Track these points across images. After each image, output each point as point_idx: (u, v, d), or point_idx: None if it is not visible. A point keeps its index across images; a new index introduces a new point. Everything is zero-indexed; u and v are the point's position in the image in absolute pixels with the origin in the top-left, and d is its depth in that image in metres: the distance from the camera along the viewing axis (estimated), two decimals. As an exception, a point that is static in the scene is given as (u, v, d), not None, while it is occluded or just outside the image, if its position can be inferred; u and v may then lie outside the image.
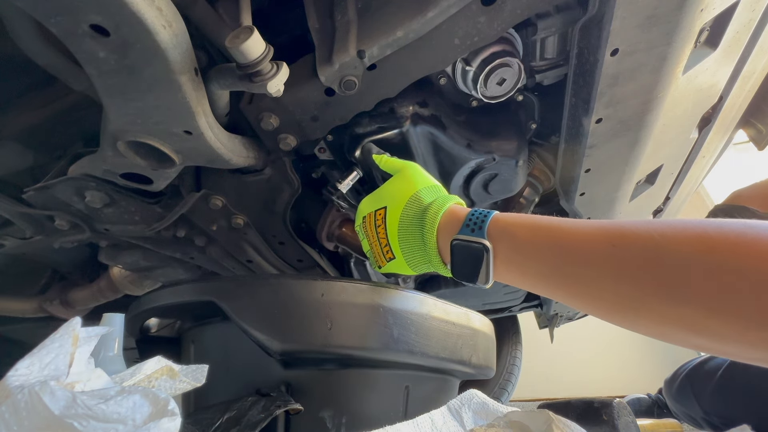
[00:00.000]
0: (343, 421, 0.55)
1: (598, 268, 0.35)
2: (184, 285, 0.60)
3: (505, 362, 1.85)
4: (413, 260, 0.51)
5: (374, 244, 0.54)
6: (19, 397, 0.26)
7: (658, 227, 0.33)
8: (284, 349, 0.53)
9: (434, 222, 0.48)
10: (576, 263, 0.37)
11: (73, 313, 1.06)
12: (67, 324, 0.34)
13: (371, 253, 0.56)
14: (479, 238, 0.43)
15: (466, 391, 0.55)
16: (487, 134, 0.69)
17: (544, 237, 0.40)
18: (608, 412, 0.59)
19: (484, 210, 0.46)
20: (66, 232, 0.74)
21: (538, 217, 0.42)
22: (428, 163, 0.71)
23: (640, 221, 0.35)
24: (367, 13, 0.54)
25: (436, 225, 0.48)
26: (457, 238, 0.45)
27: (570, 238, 0.38)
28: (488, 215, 0.45)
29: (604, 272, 0.35)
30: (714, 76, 0.66)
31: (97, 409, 0.28)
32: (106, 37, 0.39)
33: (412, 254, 0.50)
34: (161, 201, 0.74)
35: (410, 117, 0.64)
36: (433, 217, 0.48)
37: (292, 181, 0.70)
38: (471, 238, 0.44)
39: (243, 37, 0.44)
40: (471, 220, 0.45)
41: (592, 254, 0.35)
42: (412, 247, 0.50)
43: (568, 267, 0.37)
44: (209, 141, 0.54)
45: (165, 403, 0.30)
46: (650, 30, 0.50)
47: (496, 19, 0.51)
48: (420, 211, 0.50)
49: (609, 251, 0.34)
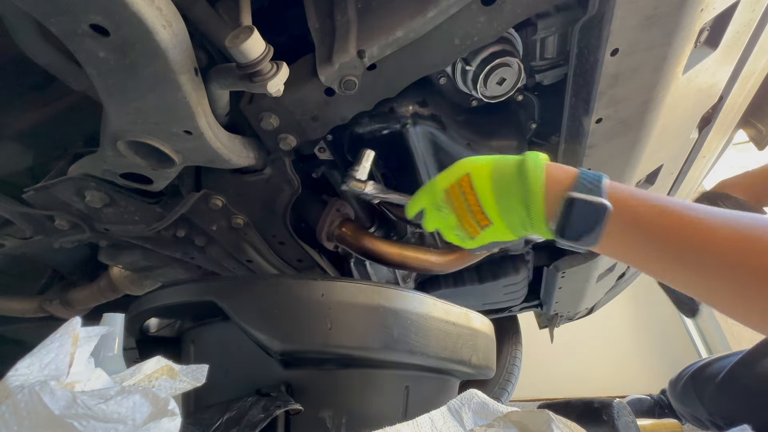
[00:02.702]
0: (343, 421, 0.55)
1: (728, 271, 0.36)
2: (184, 285, 0.60)
3: (505, 362, 1.85)
4: (513, 222, 0.49)
5: (463, 214, 0.51)
6: (19, 397, 0.26)
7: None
8: (284, 349, 0.53)
9: (537, 177, 0.46)
10: (703, 259, 0.37)
11: (73, 313, 1.06)
12: (67, 324, 0.34)
13: (459, 227, 0.53)
14: (598, 198, 0.42)
15: (466, 391, 0.55)
16: (487, 134, 0.69)
17: (672, 221, 0.39)
18: (608, 412, 0.59)
19: (591, 171, 0.45)
20: (66, 232, 0.74)
21: (659, 197, 0.42)
22: (428, 163, 0.71)
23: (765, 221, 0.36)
24: (367, 12, 0.54)
25: (540, 180, 0.46)
26: (575, 196, 0.43)
27: (701, 233, 0.38)
28: (600, 177, 0.44)
29: (734, 277, 0.36)
30: (714, 76, 0.66)
31: (97, 409, 0.28)
32: (106, 37, 0.39)
33: (511, 216, 0.48)
34: (161, 201, 0.74)
35: (410, 117, 0.64)
36: (535, 173, 0.46)
37: (292, 181, 0.70)
38: (590, 198, 0.43)
39: (243, 37, 0.45)
40: (585, 179, 0.44)
41: (723, 257, 0.36)
42: (511, 208, 0.48)
43: (692, 257, 0.38)
44: (209, 141, 0.54)
45: (165, 403, 0.30)
46: (650, 30, 0.50)
47: (496, 19, 0.51)
48: (515, 168, 0.48)
49: (741, 258, 0.35)
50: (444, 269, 0.88)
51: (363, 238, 0.84)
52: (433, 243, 0.96)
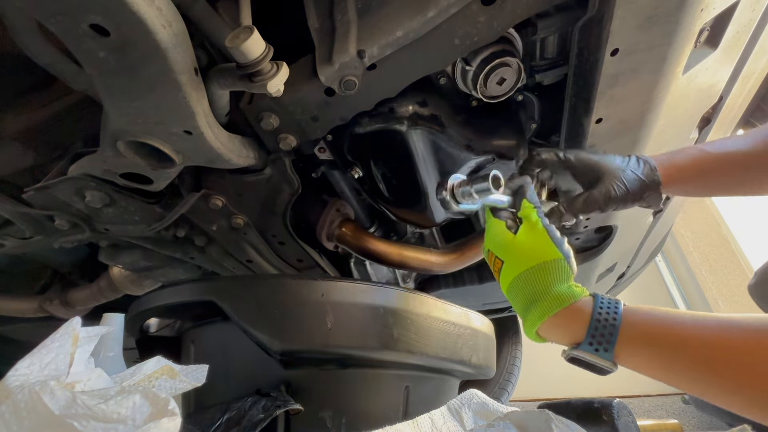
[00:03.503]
0: (343, 421, 0.55)
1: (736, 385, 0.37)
2: (184, 285, 0.60)
3: (505, 362, 1.85)
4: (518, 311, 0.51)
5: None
6: (19, 397, 0.26)
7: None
8: (284, 349, 0.53)
9: (543, 317, 0.46)
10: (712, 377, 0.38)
11: (73, 313, 1.06)
12: (67, 324, 0.34)
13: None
14: (605, 361, 0.43)
15: (466, 391, 0.55)
16: (487, 134, 0.69)
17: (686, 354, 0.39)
18: (608, 412, 0.59)
19: (611, 317, 0.44)
20: (66, 232, 0.74)
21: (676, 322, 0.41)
22: (428, 162, 0.71)
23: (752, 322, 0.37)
24: (367, 12, 0.54)
25: (542, 320, 0.46)
26: (576, 356, 0.44)
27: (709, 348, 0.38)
28: (615, 330, 0.43)
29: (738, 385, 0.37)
30: (714, 76, 0.66)
31: (97, 409, 0.28)
32: (106, 37, 0.39)
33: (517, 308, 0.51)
34: (161, 201, 0.74)
35: (410, 117, 0.64)
36: (543, 312, 0.46)
37: (292, 181, 0.70)
38: (595, 360, 0.43)
39: (243, 36, 0.44)
40: (595, 335, 0.43)
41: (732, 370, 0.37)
42: (517, 308, 0.50)
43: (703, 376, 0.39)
44: (209, 141, 0.54)
45: (165, 403, 0.30)
46: (650, 30, 0.50)
47: (496, 19, 0.51)
48: (535, 293, 0.47)
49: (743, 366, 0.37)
50: (444, 269, 0.88)
51: (363, 238, 0.84)
52: (433, 243, 0.96)
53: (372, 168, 0.76)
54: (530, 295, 0.47)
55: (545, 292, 0.46)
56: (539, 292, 0.47)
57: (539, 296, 0.46)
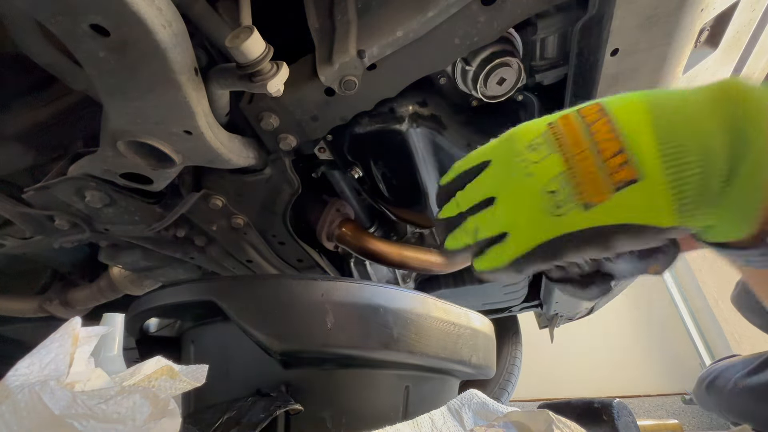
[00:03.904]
0: (343, 421, 0.55)
1: None
2: (184, 285, 0.60)
3: (505, 362, 1.85)
4: (688, 177, 0.28)
5: (585, 156, 0.31)
6: (19, 397, 0.26)
7: None
8: (284, 349, 0.53)
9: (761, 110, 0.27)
10: None
11: (73, 313, 1.06)
12: (67, 324, 0.34)
13: (568, 181, 0.31)
14: None
15: (466, 391, 0.55)
16: (487, 134, 0.69)
17: None
18: (608, 412, 0.59)
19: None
20: (66, 232, 0.74)
21: None
22: (428, 162, 0.71)
23: None
24: (367, 12, 0.54)
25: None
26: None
27: None
28: None
29: None
30: (714, 76, 0.66)
31: (97, 409, 0.28)
32: (106, 37, 0.39)
33: (690, 166, 0.28)
34: (161, 201, 0.74)
35: (410, 117, 0.64)
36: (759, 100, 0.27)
37: (292, 181, 0.70)
38: None
39: (243, 36, 0.45)
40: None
41: None
42: (702, 149, 0.28)
43: None
44: (209, 141, 0.54)
45: (165, 403, 0.30)
46: (650, 30, 0.50)
47: (496, 19, 0.51)
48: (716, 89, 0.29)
49: None
50: (444, 269, 0.88)
51: (363, 238, 0.84)
52: (433, 243, 0.96)
53: (372, 168, 0.76)
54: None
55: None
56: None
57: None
